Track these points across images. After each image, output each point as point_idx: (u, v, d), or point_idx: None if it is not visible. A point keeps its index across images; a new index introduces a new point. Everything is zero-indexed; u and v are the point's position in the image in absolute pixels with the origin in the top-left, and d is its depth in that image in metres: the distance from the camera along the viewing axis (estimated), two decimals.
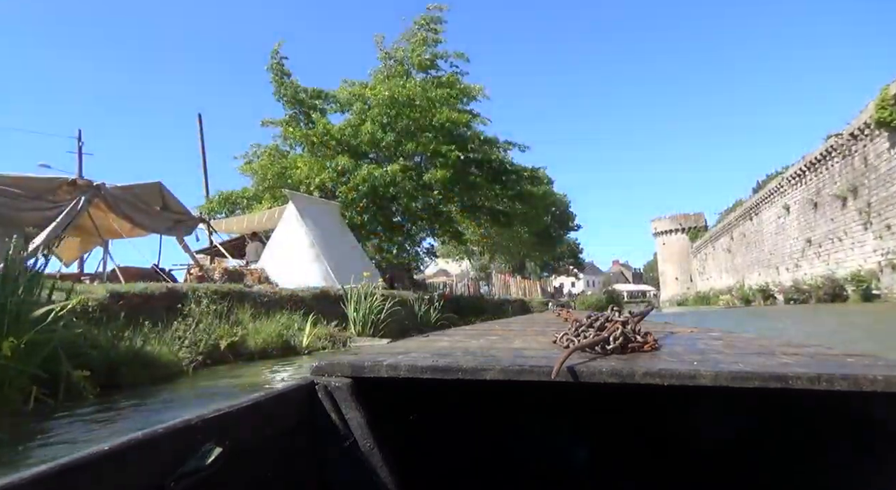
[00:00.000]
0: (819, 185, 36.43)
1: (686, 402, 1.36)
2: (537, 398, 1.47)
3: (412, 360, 1.14)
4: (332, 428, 1.12)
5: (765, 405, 1.24)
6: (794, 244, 41.73)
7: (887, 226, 27.20)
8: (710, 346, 1.40)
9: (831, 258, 35.16)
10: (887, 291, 27.78)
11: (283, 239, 13.51)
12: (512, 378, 1.02)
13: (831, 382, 0.88)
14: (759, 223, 50.80)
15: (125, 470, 0.72)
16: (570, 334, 1.29)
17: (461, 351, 1.34)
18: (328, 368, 1.14)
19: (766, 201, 48.09)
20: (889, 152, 26.67)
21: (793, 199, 41.67)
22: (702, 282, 79.57)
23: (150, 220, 9.92)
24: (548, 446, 1.63)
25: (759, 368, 0.95)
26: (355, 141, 17.55)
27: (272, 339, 7.79)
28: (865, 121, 28.39)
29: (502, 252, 47.40)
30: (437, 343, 1.62)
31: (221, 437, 0.86)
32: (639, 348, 1.22)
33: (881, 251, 28.23)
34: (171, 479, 0.78)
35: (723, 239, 66.58)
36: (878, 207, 28.43)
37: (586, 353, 1.14)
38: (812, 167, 37.16)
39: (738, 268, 59.37)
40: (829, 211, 35.05)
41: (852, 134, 30.46)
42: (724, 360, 1.09)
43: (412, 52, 18.27)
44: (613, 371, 0.98)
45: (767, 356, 1.15)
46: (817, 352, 1.23)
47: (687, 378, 0.94)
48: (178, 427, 0.81)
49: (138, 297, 6.70)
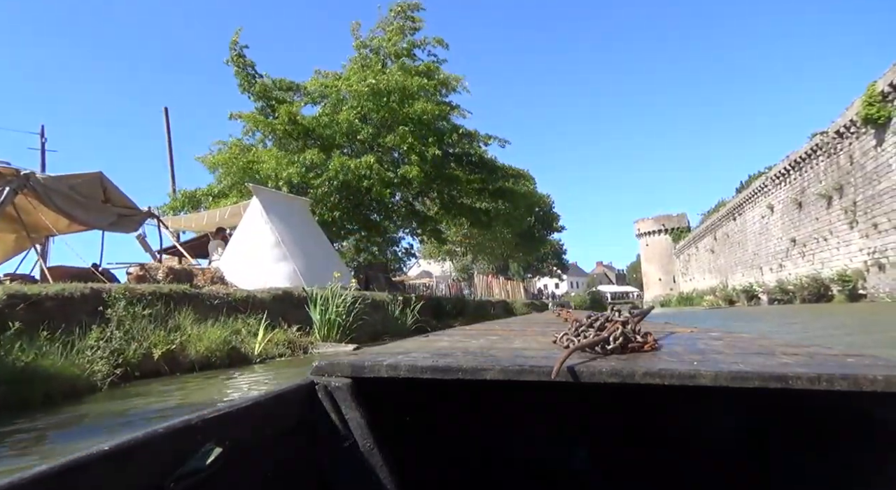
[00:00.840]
0: (804, 184, 36.13)
1: (686, 402, 1.34)
2: (537, 398, 1.46)
3: (412, 360, 1.14)
4: (331, 428, 1.12)
5: (765, 405, 1.24)
6: (779, 244, 41.46)
7: (874, 224, 26.81)
8: (710, 345, 1.41)
9: (816, 258, 34.85)
10: (874, 291, 27.41)
11: (245, 237, 12.51)
12: (512, 378, 1.02)
13: (831, 382, 0.88)
14: (743, 223, 50.60)
15: (125, 470, 0.72)
16: (570, 334, 1.28)
17: (461, 351, 1.34)
18: (328, 368, 1.14)
19: (750, 201, 47.85)
20: (876, 150, 26.26)
21: (777, 198, 41.38)
22: (685, 283, 79.67)
23: (89, 215, 8.87)
24: (548, 446, 1.63)
25: (759, 368, 0.95)
26: (329, 131, 16.59)
27: (217, 346, 6.82)
28: (851, 118, 27.99)
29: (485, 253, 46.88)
30: (437, 343, 1.62)
31: (221, 437, 0.85)
32: (639, 348, 1.21)
33: (867, 250, 27.84)
34: (171, 479, 0.77)
35: (706, 239, 66.51)
36: (864, 206, 28.04)
37: (586, 353, 1.15)
38: (796, 166, 36.85)
39: (721, 268, 59.26)
40: (813, 210, 34.71)
41: (838, 132, 30.09)
42: (724, 359, 1.09)
43: (388, 41, 17.35)
44: (613, 371, 0.98)
45: (767, 356, 1.15)
46: (817, 352, 1.24)
47: (687, 378, 0.94)
48: (178, 427, 0.81)
49: (52, 300, 5.70)
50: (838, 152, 30.74)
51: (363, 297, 11.15)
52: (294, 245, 12.74)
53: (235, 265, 11.67)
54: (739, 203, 51.19)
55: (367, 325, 10.78)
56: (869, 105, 25.09)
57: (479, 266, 49.12)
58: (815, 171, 34.09)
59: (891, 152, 24.82)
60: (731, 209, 54.15)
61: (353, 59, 17.60)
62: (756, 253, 47.09)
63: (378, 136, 16.98)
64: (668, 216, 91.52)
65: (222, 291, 8.53)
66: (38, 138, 28.16)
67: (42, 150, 28.23)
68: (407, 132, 16.48)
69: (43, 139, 28.33)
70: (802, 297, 34.86)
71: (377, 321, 12.27)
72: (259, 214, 12.67)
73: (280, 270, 11.99)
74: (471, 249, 45.46)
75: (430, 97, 17.64)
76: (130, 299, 6.44)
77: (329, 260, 14.63)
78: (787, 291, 37.54)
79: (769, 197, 42.94)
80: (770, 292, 40.51)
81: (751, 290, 45.87)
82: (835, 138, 30.70)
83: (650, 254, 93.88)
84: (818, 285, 33.16)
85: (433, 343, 1.62)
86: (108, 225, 9.29)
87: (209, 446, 0.83)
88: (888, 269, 25.82)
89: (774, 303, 39.22)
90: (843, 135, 29.64)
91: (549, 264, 63.59)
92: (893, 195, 24.89)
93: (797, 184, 37.21)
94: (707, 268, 66.18)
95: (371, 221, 20.09)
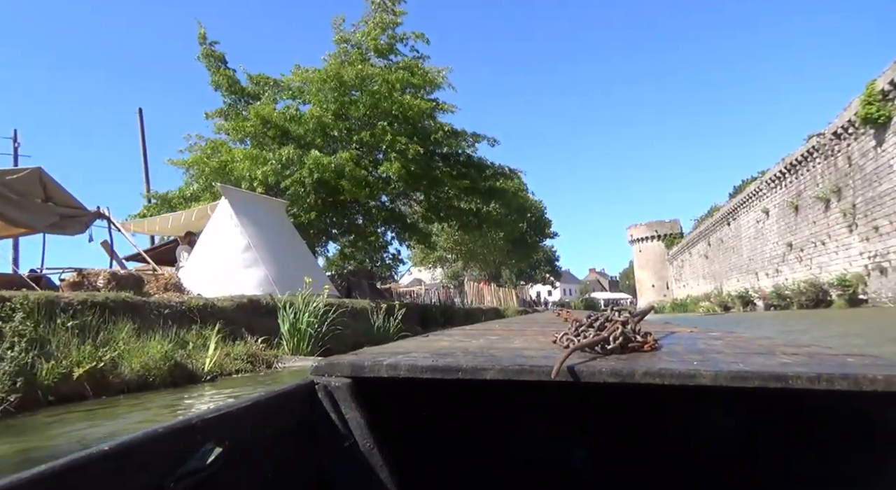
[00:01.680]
0: (800, 187, 35.46)
1: (686, 402, 1.32)
2: (537, 398, 1.43)
3: (412, 359, 1.13)
4: (331, 428, 1.11)
5: (765, 405, 1.23)
6: (775, 249, 40.76)
7: (875, 227, 26.08)
8: (710, 345, 1.41)
9: (814, 262, 34.12)
10: (875, 296, 26.66)
11: (213, 240, 11.54)
12: (512, 378, 1.01)
13: (831, 382, 0.88)
14: (738, 228, 49.92)
15: (125, 470, 0.71)
16: (570, 334, 1.28)
17: (461, 351, 1.33)
18: (328, 368, 1.13)
19: (745, 206, 47.17)
20: (875, 150, 25.58)
21: (772, 202, 40.71)
22: (678, 289, 78.99)
23: (24, 214, 7.87)
24: (548, 446, 1.61)
25: (759, 368, 0.95)
26: (299, 128, 15.65)
27: (156, 362, 5.83)
28: (850, 118, 27.33)
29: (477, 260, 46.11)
30: (437, 343, 1.61)
31: (221, 437, 0.85)
32: (639, 348, 1.21)
33: (868, 254, 27.11)
34: (171, 479, 0.76)
35: (700, 245, 65.87)
36: (864, 209, 27.33)
37: (586, 353, 1.14)
38: (792, 169, 36.19)
39: (715, 274, 58.57)
40: (811, 214, 34.01)
41: (835, 133, 29.43)
42: (724, 359, 1.09)
43: (368, 36, 16.46)
44: (613, 371, 0.97)
45: (767, 356, 1.14)
46: (817, 352, 1.23)
47: (687, 378, 0.93)
48: (178, 427, 0.80)
49: None
50: (836, 154, 30.08)
51: (340, 305, 10.20)
52: (266, 249, 11.79)
53: (201, 271, 10.71)
54: (734, 208, 50.53)
55: (346, 335, 9.83)
56: (868, 104, 24.41)
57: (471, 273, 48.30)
58: (812, 173, 33.43)
59: (891, 153, 24.13)
60: (726, 214, 53.49)
61: (333, 54, 16.70)
62: (751, 258, 46.38)
63: (351, 133, 16.06)
64: (660, 222, 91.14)
65: (175, 300, 7.55)
66: (10, 143, 27.12)
67: (14, 155, 27.18)
68: (385, 128, 15.58)
69: (16, 144, 27.30)
70: (800, 303, 34.10)
71: (358, 331, 11.40)
72: (228, 217, 11.71)
73: (250, 277, 11.03)
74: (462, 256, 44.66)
75: (414, 93, 16.79)
76: (51, 310, 5.47)
77: (305, 265, 13.72)
78: (784, 297, 36.77)
79: (764, 201, 42.27)
80: (766, 298, 39.75)
81: (746, 295, 45.11)
82: (832, 140, 30.04)
83: (643, 260, 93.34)
84: (816, 290, 32.41)
85: (433, 343, 1.61)
86: (47, 226, 8.28)
87: (209, 446, 0.82)
88: (890, 273, 25.08)
89: (771, 309, 38.46)
90: (841, 136, 28.99)
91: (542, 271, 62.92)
92: (894, 197, 24.17)
93: (793, 187, 36.55)
94: (701, 273, 65.50)
95: (355, 226, 19.16)
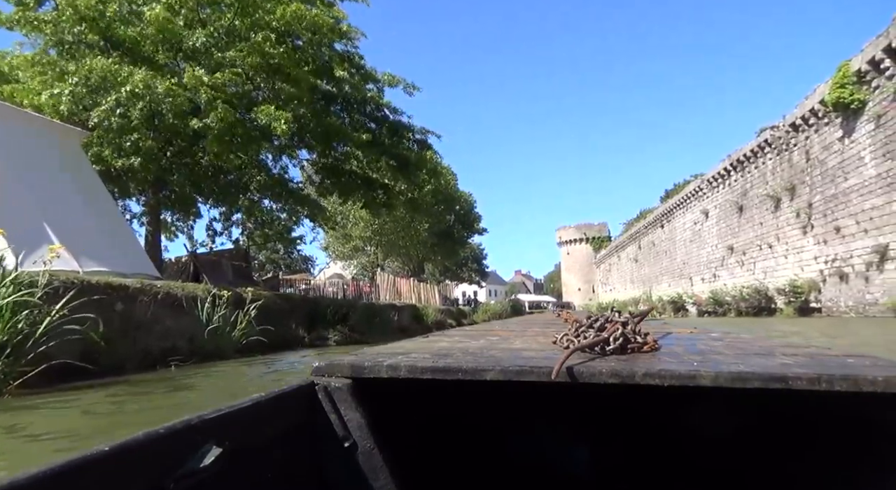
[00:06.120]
0: (746, 186, 33.14)
1: (686, 403, 1.32)
2: (537, 399, 1.42)
3: (412, 360, 1.13)
4: (331, 429, 1.10)
5: (765, 406, 1.23)
6: (713, 252, 38.57)
7: (836, 228, 23.52)
8: (710, 346, 1.42)
9: (758, 267, 31.81)
10: (830, 304, 24.14)
11: None
12: (512, 378, 1.01)
13: (831, 383, 0.87)
14: (672, 231, 47.91)
15: (125, 470, 0.70)
16: (570, 335, 1.28)
17: (461, 351, 1.33)
18: (328, 369, 1.12)
19: (682, 207, 45.10)
20: (841, 142, 23.01)
21: (713, 202, 38.50)
22: (605, 292, 77.63)
23: None
24: (548, 447, 1.61)
25: (760, 369, 0.95)
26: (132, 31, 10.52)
27: None
28: (813, 107, 24.75)
29: (398, 253, 41.59)
30: (437, 343, 1.61)
31: (221, 438, 0.84)
32: (638, 349, 1.20)
33: (825, 258, 24.59)
34: (171, 479, 0.76)
35: (629, 248, 64.20)
36: (822, 208, 24.83)
37: (586, 354, 1.13)
38: (739, 166, 33.84)
39: (645, 278, 56.77)
40: (757, 214, 31.66)
41: (793, 124, 26.92)
42: (724, 360, 1.08)
43: None
44: (613, 372, 0.96)
45: (767, 357, 1.15)
46: (817, 352, 1.24)
47: (687, 379, 0.93)
48: (178, 427, 0.79)
49: None
50: (791, 148, 27.62)
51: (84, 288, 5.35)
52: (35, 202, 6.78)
53: None
54: (669, 209, 48.49)
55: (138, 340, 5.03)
56: (840, 87, 21.69)
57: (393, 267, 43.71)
58: (762, 170, 31.04)
59: (863, 143, 21.51)
60: (660, 216, 51.53)
61: None
62: (685, 262, 44.32)
63: (212, 50, 11.07)
64: (589, 225, 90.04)
65: None
66: None
67: None
68: (266, 40, 10.74)
69: None
70: (740, 310, 31.73)
71: (173, 333, 6.88)
72: None
73: None
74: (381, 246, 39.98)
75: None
76: None
77: (107, 234, 8.81)
78: (721, 303, 34.44)
79: (704, 201, 40.09)
80: (702, 303, 37.46)
81: (678, 300, 42.96)
82: (788, 132, 27.56)
83: (571, 263, 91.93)
84: (760, 297, 30.02)
85: (433, 343, 1.63)
86: None
87: (209, 446, 0.81)
88: (852, 280, 22.50)
89: (705, 315, 36.20)
90: (800, 128, 26.48)
91: (469, 269, 59.49)
92: (863, 193, 21.54)
93: (738, 186, 34.24)
94: (629, 277, 63.81)
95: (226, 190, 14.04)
